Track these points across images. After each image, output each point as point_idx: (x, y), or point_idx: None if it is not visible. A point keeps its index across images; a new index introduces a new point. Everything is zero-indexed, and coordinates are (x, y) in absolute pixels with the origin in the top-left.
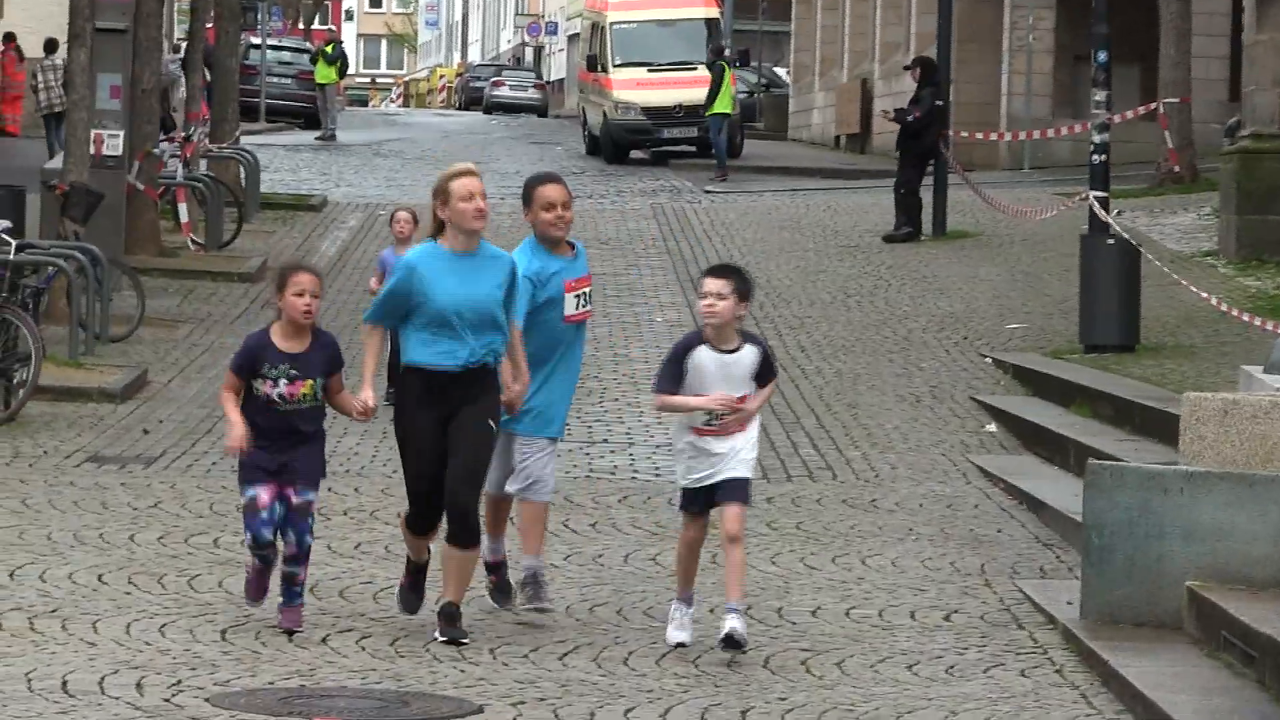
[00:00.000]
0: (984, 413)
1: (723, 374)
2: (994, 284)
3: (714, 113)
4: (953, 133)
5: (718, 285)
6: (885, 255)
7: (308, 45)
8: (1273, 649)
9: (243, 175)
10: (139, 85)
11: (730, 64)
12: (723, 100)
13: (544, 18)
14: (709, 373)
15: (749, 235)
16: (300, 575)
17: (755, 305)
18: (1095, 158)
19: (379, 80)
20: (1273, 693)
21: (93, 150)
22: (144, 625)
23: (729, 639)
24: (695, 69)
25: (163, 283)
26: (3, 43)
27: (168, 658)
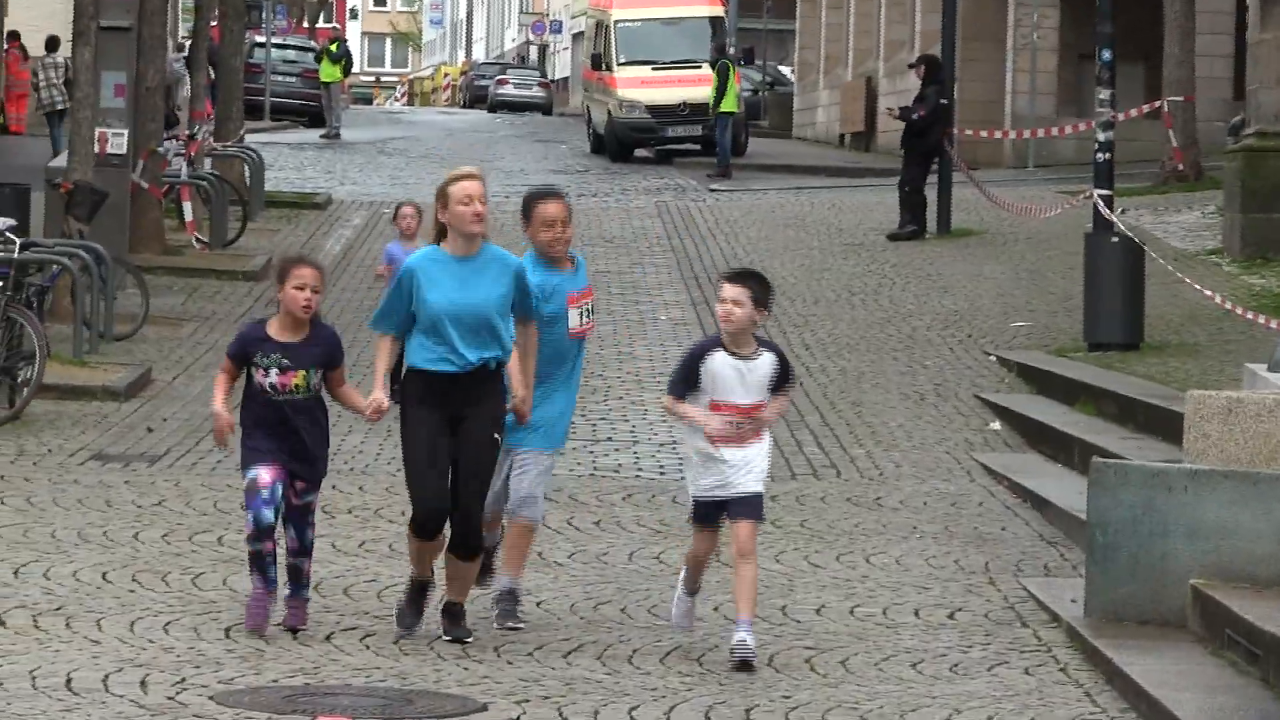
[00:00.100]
0: (988, 411)
1: (739, 380)
2: (998, 282)
3: (719, 111)
4: (957, 131)
5: (735, 291)
6: (890, 253)
7: (312, 43)
8: (1277, 647)
9: (247, 174)
10: (143, 83)
11: (734, 62)
12: (728, 99)
13: (548, 16)
14: (725, 379)
15: (753, 233)
16: (305, 567)
17: None
18: (1099, 156)
19: (383, 79)
20: (1277, 691)
21: (97, 149)
22: (148, 623)
23: (742, 663)
24: (700, 67)
25: (167, 281)
26: (6, 41)
27: (172, 656)
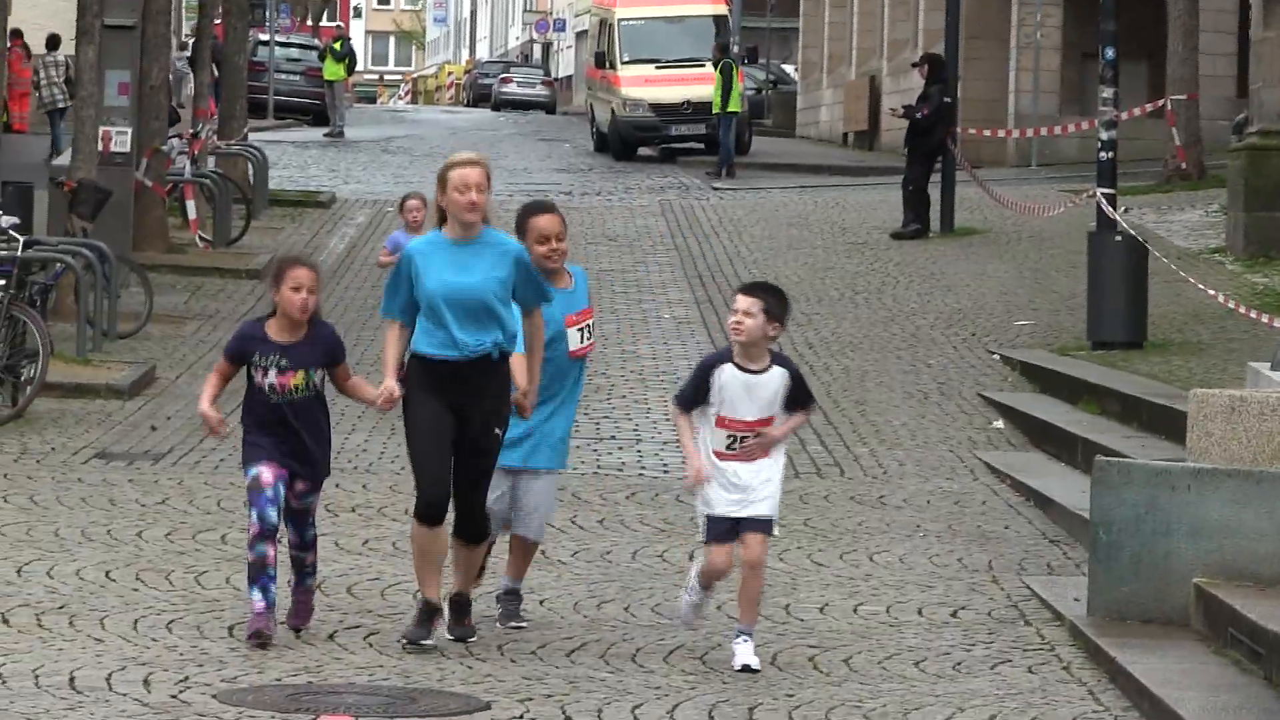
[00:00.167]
0: (991, 409)
1: (748, 394)
2: (1002, 281)
3: (726, 111)
4: (960, 130)
5: (747, 303)
6: (893, 252)
7: (316, 42)
8: (1279, 645)
9: (251, 172)
10: (147, 82)
11: (737, 61)
12: (732, 99)
13: (552, 14)
14: (733, 392)
15: (757, 232)
16: (309, 559)
17: None
18: (1103, 154)
19: (387, 77)
20: (1279, 689)
21: (101, 147)
22: (151, 622)
23: (744, 668)
24: (703, 65)
25: (170, 279)
26: (9, 40)
27: (175, 654)
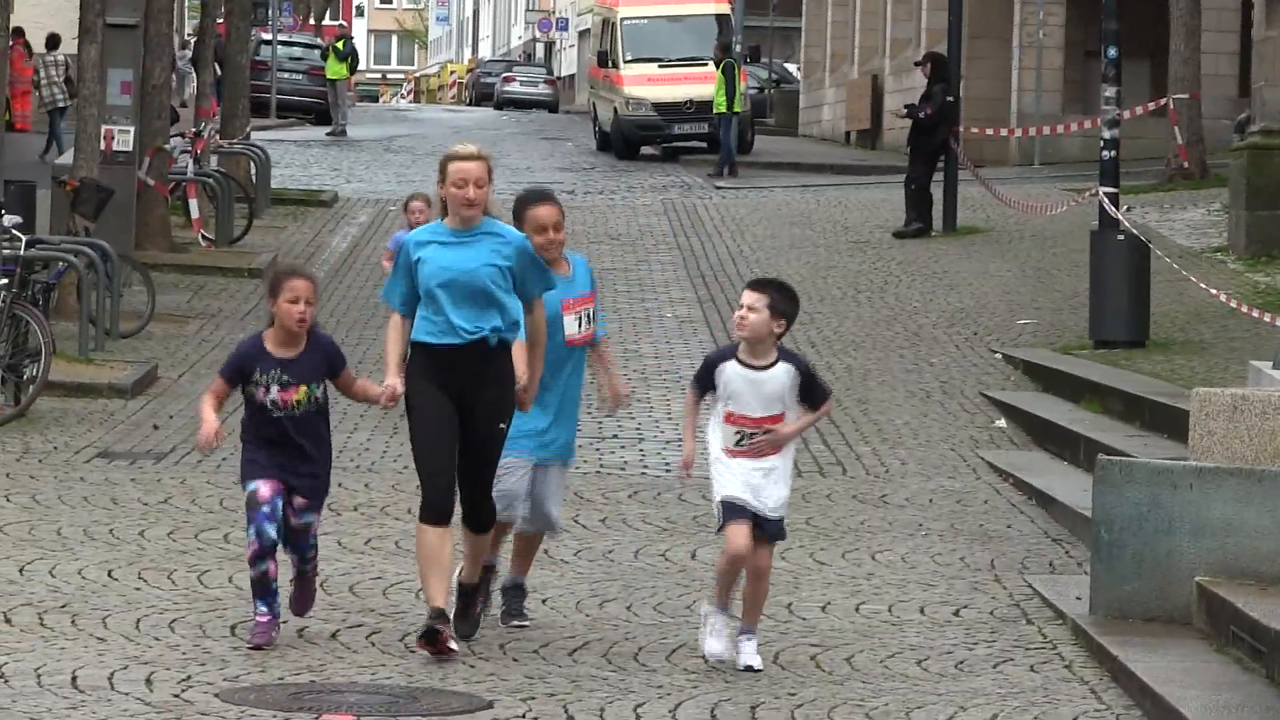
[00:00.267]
0: (994, 408)
1: (751, 391)
2: (1004, 280)
3: (724, 110)
4: (963, 128)
5: (752, 298)
6: (895, 251)
7: (318, 41)
8: None
9: (253, 171)
10: (149, 81)
11: (739, 60)
12: (735, 98)
13: (555, 13)
14: (737, 389)
15: (759, 231)
16: (309, 571)
17: None
18: (1105, 153)
19: (390, 76)
20: None
21: (103, 146)
22: (154, 621)
23: (748, 668)
24: (706, 64)
25: (173, 278)
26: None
27: (177, 653)
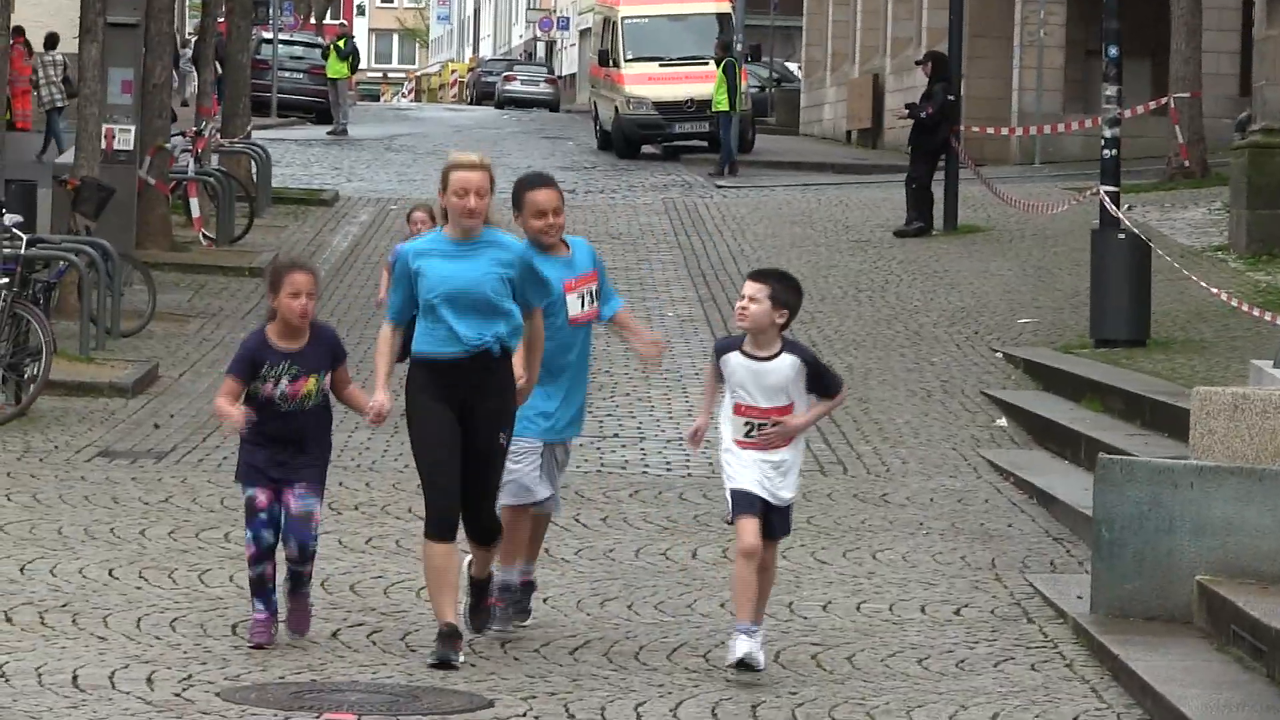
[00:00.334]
0: (995, 407)
1: (755, 382)
2: (1005, 279)
3: (724, 109)
4: (964, 127)
5: (753, 289)
6: (896, 250)
7: (319, 40)
8: None
9: (254, 170)
10: (150, 80)
11: (740, 59)
12: (736, 97)
13: (556, 12)
14: (741, 379)
15: (760, 230)
16: (306, 571)
17: None
18: (1106, 152)
19: (391, 75)
20: None
21: (104, 145)
22: (155, 620)
23: (742, 662)
24: (707, 64)
25: (174, 277)
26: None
27: (178, 652)
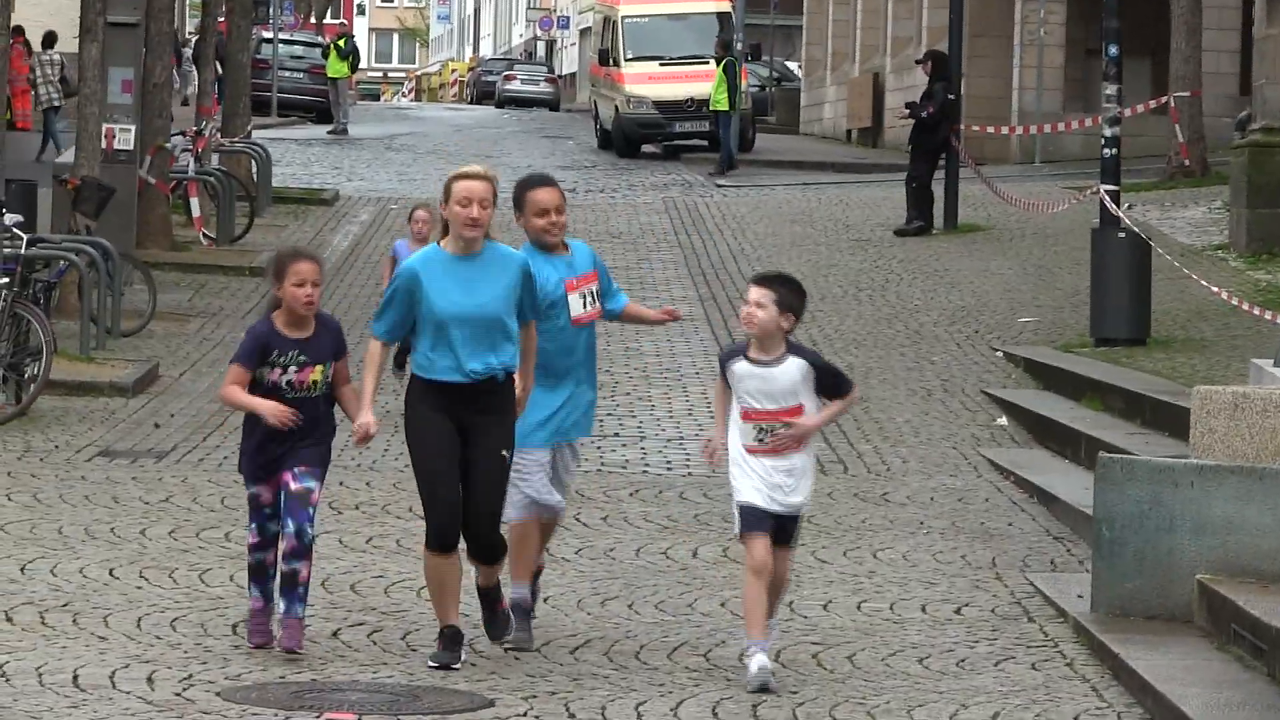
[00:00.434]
0: (995, 406)
1: (760, 387)
2: (1005, 278)
3: (723, 109)
4: (964, 126)
5: (759, 294)
6: (897, 249)
7: (319, 39)
8: None
9: (254, 169)
10: (151, 79)
11: (740, 58)
12: (736, 96)
13: (556, 12)
14: (748, 386)
15: (760, 229)
16: (302, 573)
17: None
18: (1106, 151)
19: (391, 74)
20: None
21: (104, 145)
22: (155, 619)
23: (765, 687)
24: (707, 63)
25: (174, 277)
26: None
27: (179, 652)
